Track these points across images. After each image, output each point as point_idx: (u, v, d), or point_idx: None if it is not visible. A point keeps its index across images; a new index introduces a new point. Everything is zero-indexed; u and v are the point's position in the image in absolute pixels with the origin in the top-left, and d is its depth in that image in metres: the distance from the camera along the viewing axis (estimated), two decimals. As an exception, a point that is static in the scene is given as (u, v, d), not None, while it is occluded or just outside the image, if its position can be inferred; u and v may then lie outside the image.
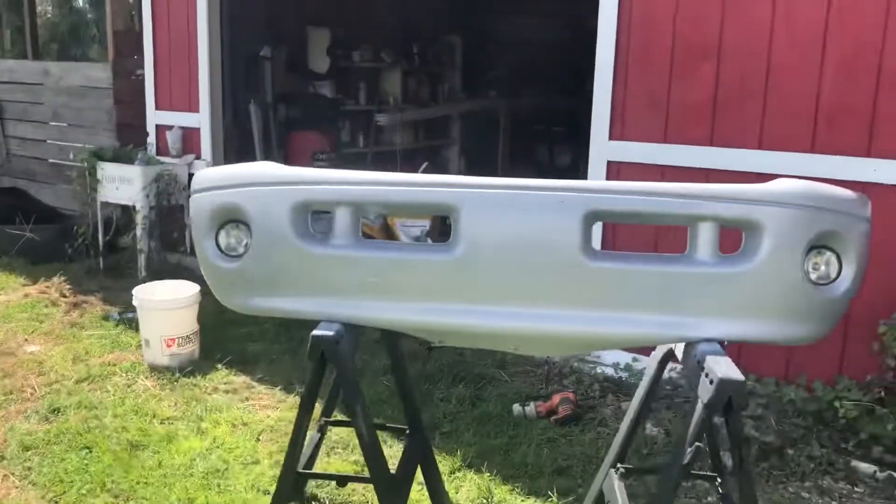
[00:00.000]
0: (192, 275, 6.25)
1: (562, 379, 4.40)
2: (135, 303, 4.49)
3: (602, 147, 4.45)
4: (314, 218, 2.56)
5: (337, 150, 7.70)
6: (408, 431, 2.93)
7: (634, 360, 4.33)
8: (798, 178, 3.21)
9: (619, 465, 2.69)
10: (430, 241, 6.73)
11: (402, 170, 8.40)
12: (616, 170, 4.43)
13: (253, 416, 3.84)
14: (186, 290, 4.54)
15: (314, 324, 2.38)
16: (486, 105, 9.63)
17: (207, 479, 3.27)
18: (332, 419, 3.02)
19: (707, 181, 3.88)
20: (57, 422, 3.76)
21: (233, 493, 3.18)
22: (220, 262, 2.53)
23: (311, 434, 2.89)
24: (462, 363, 4.48)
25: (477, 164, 9.04)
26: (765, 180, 2.35)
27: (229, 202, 2.49)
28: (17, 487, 3.22)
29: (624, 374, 4.40)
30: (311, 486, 3.16)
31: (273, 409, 3.96)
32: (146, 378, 4.27)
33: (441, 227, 6.75)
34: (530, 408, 3.99)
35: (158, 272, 6.19)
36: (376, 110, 8.28)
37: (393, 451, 3.33)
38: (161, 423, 3.76)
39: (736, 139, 4.03)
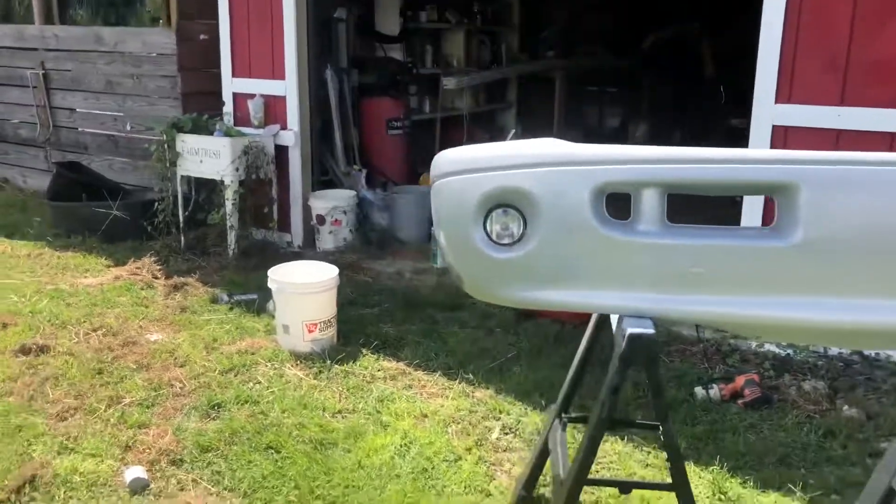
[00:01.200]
0: (278, 252, 6.01)
1: (725, 358, 4.18)
2: (271, 286, 4.20)
3: (767, 110, 4.18)
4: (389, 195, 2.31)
5: (408, 116, 7.36)
6: (660, 429, 2.70)
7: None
8: None
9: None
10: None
11: (471, 135, 8.11)
12: (783, 134, 4.17)
13: (428, 406, 3.60)
14: (327, 272, 4.25)
15: (442, 305, 2.12)
16: (543, 66, 9.30)
17: (417, 480, 3.03)
18: (572, 416, 2.79)
19: (892, 146, 3.65)
20: (221, 419, 3.50)
21: (452, 497, 2.94)
22: (491, 252, 2.25)
23: (542, 432, 2.66)
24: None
25: (532, 129, 8.73)
26: None
27: (509, 185, 2.20)
28: (213, 494, 2.96)
29: (789, 351, 4.19)
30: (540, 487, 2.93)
31: (442, 397, 3.71)
32: (293, 366, 4.00)
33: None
34: (714, 391, 3.77)
35: (247, 250, 5.90)
36: (442, 73, 7.93)
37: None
38: (335, 417, 3.51)
39: (927, 100, 3.78)
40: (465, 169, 2.29)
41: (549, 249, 2.19)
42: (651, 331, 2.09)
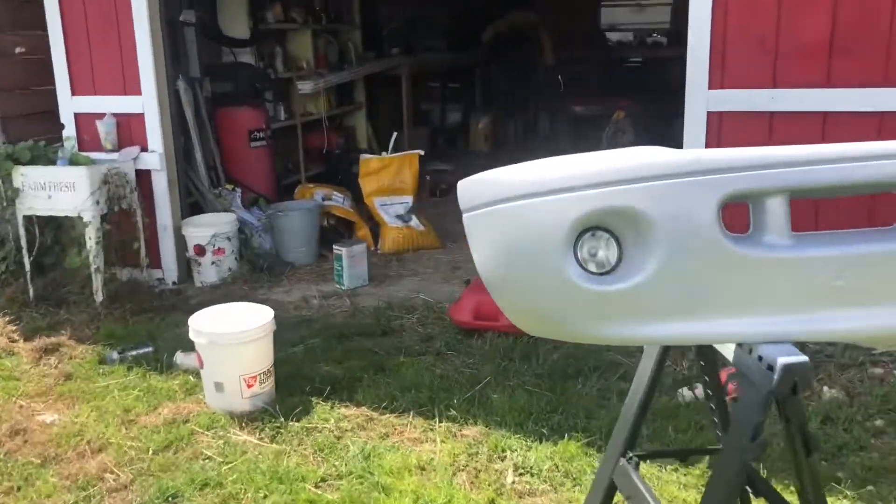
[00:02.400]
0: (153, 292, 5.25)
1: (683, 353, 4.09)
2: (197, 339, 3.56)
3: (701, 96, 4.11)
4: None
5: (269, 126, 6.74)
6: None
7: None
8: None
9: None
10: (414, 218, 6.12)
11: (330, 141, 7.62)
12: (717, 121, 4.12)
13: (420, 456, 3.17)
14: (262, 314, 3.66)
15: (371, 332, 1.85)
16: (389, 64, 8.95)
17: (456, 549, 2.62)
18: (641, 453, 2.49)
19: (824, 126, 3.69)
20: (187, 512, 2.87)
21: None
22: (590, 285, 1.90)
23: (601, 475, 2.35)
24: (577, 353, 4.03)
25: (384, 130, 8.37)
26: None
27: (614, 206, 1.86)
28: None
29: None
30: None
31: (429, 441, 3.30)
32: (241, 431, 3.40)
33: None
34: (699, 390, 3.64)
35: (115, 295, 5.09)
36: (295, 77, 7.36)
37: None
38: (322, 488, 2.99)
39: (856, 77, 3.86)
40: (548, 190, 1.91)
41: (669, 276, 1.87)
42: (805, 358, 1.83)
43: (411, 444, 3.28)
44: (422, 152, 6.37)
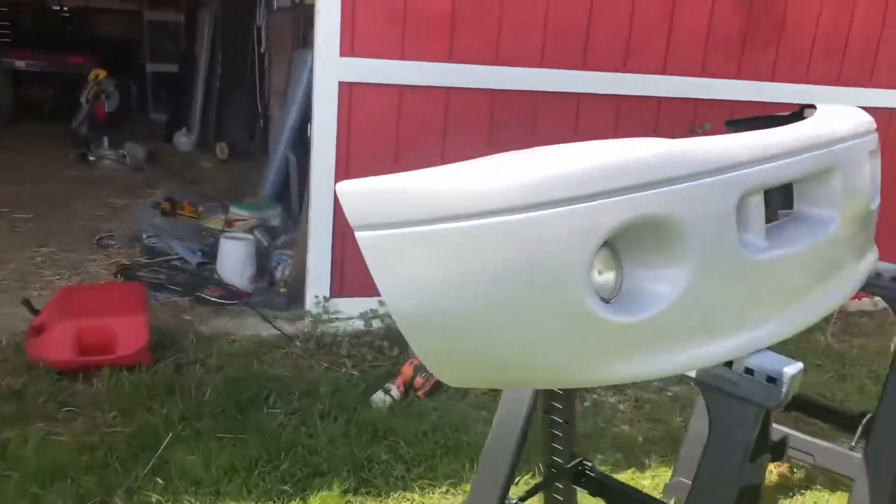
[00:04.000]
0: None
1: (333, 348, 3.72)
2: None
3: (331, 65, 3.68)
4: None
5: None
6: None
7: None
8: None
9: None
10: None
11: None
12: (348, 93, 3.75)
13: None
14: None
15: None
16: None
17: None
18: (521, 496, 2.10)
19: (448, 99, 3.80)
20: None
21: None
22: (610, 315, 1.51)
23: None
24: (232, 372, 3.31)
25: None
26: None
27: (646, 214, 1.49)
28: None
29: (374, 321, 3.97)
30: None
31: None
32: None
33: None
34: (394, 391, 3.33)
35: None
36: None
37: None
38: None
39: (474, 54, 3.92)
40: (559, 199, 1.42)
41: (697, 293, 1.57)
42: (801, 364, 1.74)
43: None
44: None
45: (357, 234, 1.47)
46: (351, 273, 3.97)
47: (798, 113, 2.98)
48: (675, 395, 3.61)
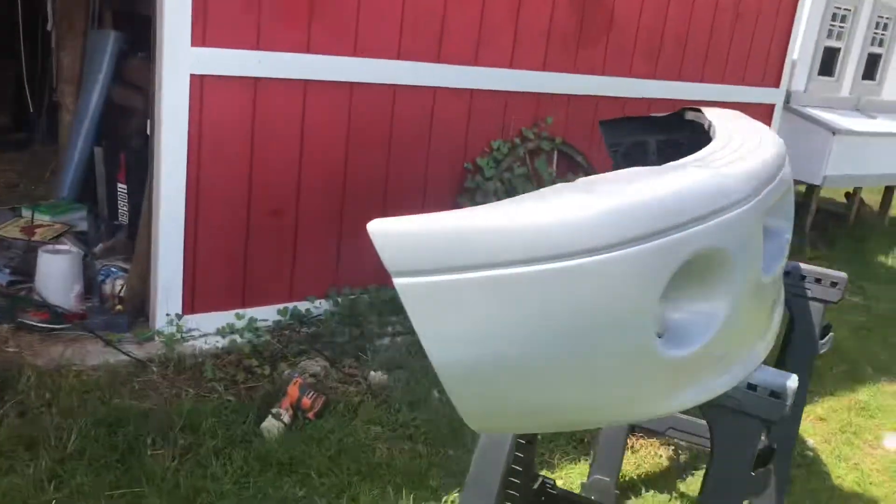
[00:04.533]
0: None
1: (196, 371, 3.36)
2: None
3: (181, 55, 3.27)
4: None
5: None
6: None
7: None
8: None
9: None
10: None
11: None
12: (200, 86, 3.35)
13: None
14: None
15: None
16: None
17: None
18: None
19: (305, 93, 3.63)
20: None
21: None
22: (666, 350, 1.50)
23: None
24: (94, 403, 2.87)
25: None
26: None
27: (700, 248, 1.47)
28: None
29: (232, 337, 3.64)
30: None
31: None
32: None
33: None
34: (283, 415, 3.06)
35: None
36: None
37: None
38: None
39: (333, 45, 3.68)
40: (626, 240, 1.36)
41: (736, 318, 1.59)
42: (796, 376, 1.81)
43: None
44: None
45: (397, 281, 1.32)
46: (204, 287, 3.59)
47: (678, 114, 3.13)
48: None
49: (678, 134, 3.24)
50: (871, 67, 8.30)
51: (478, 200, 4.26)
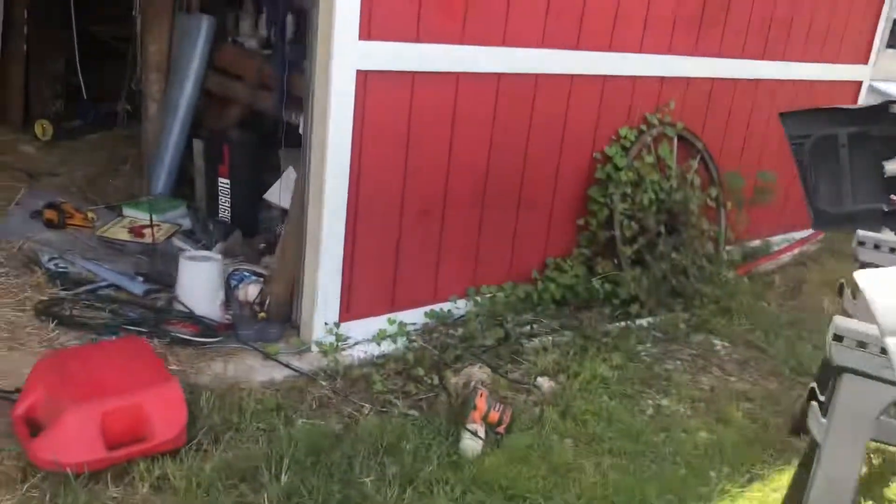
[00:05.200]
0: None
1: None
2: None
3: (350, 50, 3.06)
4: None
5: None
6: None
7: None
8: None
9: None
10: None
11: None
12: (363, 81, 3.15)
13: None
14: None
15: None
16: None
17: None
18: None
19: (457, 87, 3.45)
20: None
21: None
22: None
23: None
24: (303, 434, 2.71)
25: None
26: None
27: None
28: None
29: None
30: None
31: None
32: None
33: None
34: (479, 431, 2.92)
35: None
36: None
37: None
38: None
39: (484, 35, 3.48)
40: None
41: None
42: None
43: None
44: None
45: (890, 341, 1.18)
46: (359, 291, 3.42)
47: (882, 107, 2.99)
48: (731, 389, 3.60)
49: (872, 127, 3.12)
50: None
51: (609, 192, 4.11)
